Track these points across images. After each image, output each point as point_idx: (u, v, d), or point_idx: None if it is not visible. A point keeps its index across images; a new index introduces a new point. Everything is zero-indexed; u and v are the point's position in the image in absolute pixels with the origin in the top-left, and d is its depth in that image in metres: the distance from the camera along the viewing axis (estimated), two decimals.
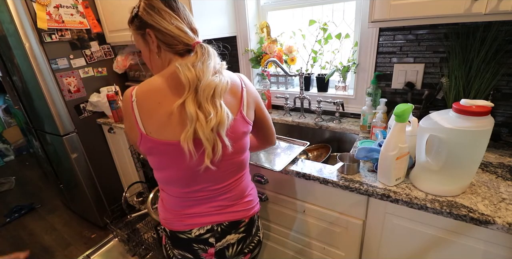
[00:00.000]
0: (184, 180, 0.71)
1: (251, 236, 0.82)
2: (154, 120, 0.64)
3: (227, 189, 0.75)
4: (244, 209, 0.79)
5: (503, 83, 1.02)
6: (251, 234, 0.82)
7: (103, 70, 1.82)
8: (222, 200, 0.75)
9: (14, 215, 2.34)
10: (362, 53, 1.28)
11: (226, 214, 0.76)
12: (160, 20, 0.64)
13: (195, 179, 0.70)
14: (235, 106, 0.70)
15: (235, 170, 0.75)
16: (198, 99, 0.61)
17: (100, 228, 2.04)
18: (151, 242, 1.63)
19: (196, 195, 0.73)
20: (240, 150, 0.73)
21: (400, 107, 0.75)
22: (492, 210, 0.70)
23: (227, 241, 0.77)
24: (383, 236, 0.91)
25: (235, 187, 0.77)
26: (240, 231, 0.79)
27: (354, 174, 0.91)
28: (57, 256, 1.87)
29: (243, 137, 0.73)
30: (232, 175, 0.75)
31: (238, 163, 0.74)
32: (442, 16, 0.81)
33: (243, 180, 0.79)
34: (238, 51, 1.66)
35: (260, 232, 0.88)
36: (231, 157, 0.71)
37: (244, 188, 0.80)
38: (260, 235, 0.88)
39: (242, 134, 0.72)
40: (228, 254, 0.78)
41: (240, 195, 0.78)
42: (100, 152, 1.93)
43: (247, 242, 0.82)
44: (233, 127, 0.67)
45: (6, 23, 1.46)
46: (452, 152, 0.71)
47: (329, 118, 1.44)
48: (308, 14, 1.49)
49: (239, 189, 0.78)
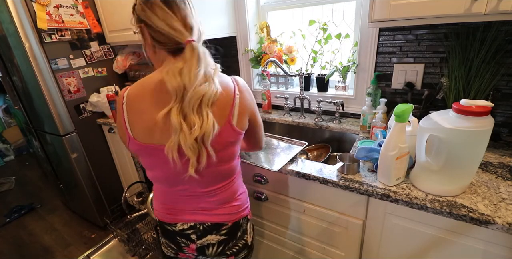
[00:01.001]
0: (170, 181, 0.73)
1: (234, 240, 0.82)
2: (140, 125, 0.65)
3: (213, 194, 0.76)
4: (228, 214, 0.79)
5: (503, 83, 1.02)
6: (234, 237, 0.81)
7: (103, 70, 1.82)
8: (207, 203, 0.77)
9: (14, 215, 2.34)
10: (362, 53, 1.28)
11: (209, 215, 0.77)
12: (151, 16, 0.61)
13: (181, 181, 0.71)
14: (224, 115, 0.66)
15: (221, 178, 0.75)
16: (183, 108, 0.60)
17: (100, 228, 2.04)
18: (151, 242, 1.63)
19: (182, 194, 0.75)
20: (227, 159, 0.72)
21: (400, 107, 0.75)
22: (492, 210, 0.70)
23: (208, 241, 0.79)
24: (383, 236, 0.91)
25: (221, 193, 0.77)
26: (222, 233, 0.79)
27: (354, 174, 0.91)
28: (57, 256, 1.87)
29: (230, 146, 0.71)
30: (218, 182, 0.75)
31: (224, 171, 0.74)
32: (442, 16, 0.81)
33: (230, 186, 0.78)
34: (238, 51, 1.66)
35: (248, 236, 0.85)
36: (217, 166, 0.70)
37: (231, 194, 0.79)
38: (247, 239, 0.85)
39: (229, 144, 0.70)
40: (208, 252, 0.80)
41: (225, 200, 0.78)
42: (100, 152, 1.93)
43: (230, 245, 0.81)
44: (219, 137, 0.65)
45: (6, 23, 1.46)
46: (452, 152, 0.71)
47: (329, 118, 1.44)
48: (308, 14, 1.49)
49: (225, 195, 0.78)
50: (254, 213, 1.24)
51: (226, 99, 0.66)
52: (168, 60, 0.65)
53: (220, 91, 0.63)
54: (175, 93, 0.59)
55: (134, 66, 1.86)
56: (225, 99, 0.66)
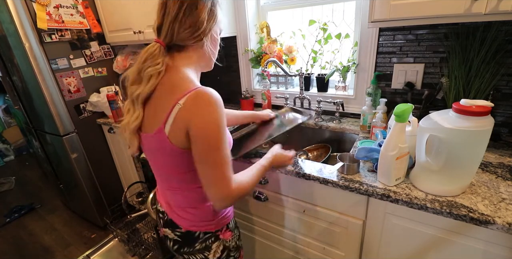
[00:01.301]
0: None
1: (191, 248, 0.80)
2: None
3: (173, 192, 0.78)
4: (182, 218, 0.78)
5: (503, 83, 1.02)
6: (190, 246, 0.80)
7: (103, 70, 1.82)
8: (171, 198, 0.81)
9: (14, 215, 2.34)
10: (362, 53, 1.28)
11: (171, 212, 0.81)
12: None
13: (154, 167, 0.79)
14: (161, 119, 0.64)
15: (168, 179, 0.77)
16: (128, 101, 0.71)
17: (100, 228, 2.04)
18: (151, 242, 1.63)
19: (160, 180, 0.82)
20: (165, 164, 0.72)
21: (400, 107, 0.75)
22: (492, 210, 0.70)
23: (166, 233, 0.83)
24: (383, 236, 0.91)
25: (178, 194, 0.77)
26: (176, 234, 0.81)
27: (354, 174, 0.91)
28: (57, 256, 1.87)
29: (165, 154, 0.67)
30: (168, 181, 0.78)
31: (168, 173, 0.75)
32: (442, 16, 0.81)
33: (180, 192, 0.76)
34: (238, 51, 1.66)
35: (211, 254, 0.80)
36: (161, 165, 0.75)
37: (187, 202, 0.77)
38: (209, 256, 0.80)
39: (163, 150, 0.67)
40: (167, 243, 0.85)
41: (179, 203, 0.79)
42: (100, 152, 1.93)
43: (185, 250, 0.81)
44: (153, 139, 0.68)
45: (6, 23, 1.46)
46: (452, 152, 0.71)
47: (329, 118, 1.44)
48: (308, 14, 1.49)
49: (181, 198, 0.78)
50: (254, 213, 1.24)
51: (167, 104, 0.63)
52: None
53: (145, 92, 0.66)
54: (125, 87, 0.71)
55: None
56: (167, 103, 0.63)
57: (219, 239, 0.81)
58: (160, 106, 0.65)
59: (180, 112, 0.61)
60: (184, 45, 0.68)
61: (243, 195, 0.69)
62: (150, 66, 0.64)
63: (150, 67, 0.64)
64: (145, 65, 0.65)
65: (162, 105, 0.64)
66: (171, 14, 0.63)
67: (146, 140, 0.71)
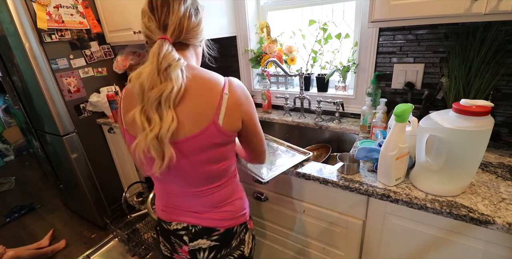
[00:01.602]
0: (160, 179, 0.74)
1: (228, 248, 0.79)
2: (126, 120, 0.69)
3: (202, 195, 0.74)
4: (221, 219, 0.76)
5: (503, 83, 1.02)
6: (228, 245, 0.78)
7: (103, 70, 1.82)
8: (198, 204, 0.76)
9: (14, 215, 2.34)
10: (362, 53, 1.28)
11: (201, 219, 0.76)
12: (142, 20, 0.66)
13: (170, 179, 0.72)
14: (209, 115, 0.64)
15: (209, 178, 0.72)
16: (145, 108, 0.61)
17: (100, 228, 2.04)
18: (151, 242, 1.63)
19: (175, 192, 0.76)
20: (211, 160, 0.69)
21: (400, 107, 0.75)
22: (492, 210, 0.70)
23: (199, 244, 0.77)
24: (383, 236, 0.91)
25: (211, 194, 0.74)
26: (213, 239, 0.77)
27: (354, 174, 0.91)
28: (57, 256, 1.87)
29: (217, 147, 0.67)
30: (205, 183, 0.72)
31: (211, 172, 0.71)
32: (442, 16, 0.81)
33: (221, 189, 0.75)
34: (238, 51, 1.66)
35: (246, 247, 0.82)
36: (204, 166, 0.68)
37: (223, 197, 0.76)
38: (244, 250, 0.81)
39: (213, 144, 0.66)
40: (199, 257, 0.78)
41: (216, 203, 0.76)
42: (100, 152, 1.93)
43: (223, 253, 0.78)
44: (203, 136, 0.64)
45: (6, 23, 1.46)
46: (452, 152, 0.71)
47: (329, 118, 1.44)
48: (308, 14, 1.49)
49: (215, 197, 0.75)
50: (254, 213, 1.24)
51: (210, 99, 0.64)
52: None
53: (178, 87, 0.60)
54: (137, 94, 0.62)
55: (134, 66, 1.85)
56: (209, 98, 0.64)
57: (248, 229, 0.83)
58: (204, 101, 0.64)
59: (230, 100, 0.65)
60: (188, 44, 0.69)
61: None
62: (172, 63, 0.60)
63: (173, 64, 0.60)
64: (164, 63, 0.60)
65: (205, 100, 0.64)
66: (177, 13, 0.63)
67: (186, 144, 0.64)
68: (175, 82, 0.60)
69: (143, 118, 0.61)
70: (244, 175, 1.02)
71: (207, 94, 0.64)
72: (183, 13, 0.63)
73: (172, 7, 0.63)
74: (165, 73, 0.60)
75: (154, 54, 0.60)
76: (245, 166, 1.05)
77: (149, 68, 0.60)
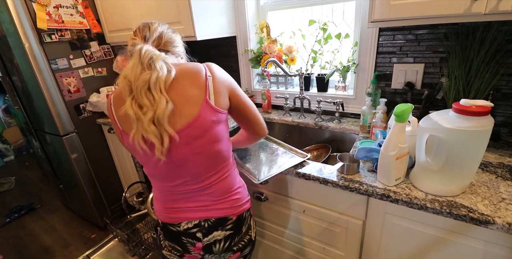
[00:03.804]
0: (163, 175, 0.75)
1: (240, 234, 0.83)
2: (121, 120, 0.73)
3: (209, 184, 0.76)
4: (231, 207, 0.80)
5: (503, 83, 1.02)
6: (240, 232, 0.83)
7: (103, 70, 1.82)
8: (206, 195, 0.77)
9: (14, 215, 2.34)
10: (362, 53, 1.28)
11: (212, 210, 0.78)
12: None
13: (174, 173, 0.74)
14: (200, 96, 0.69)
15: (213, 162, 0.75)
16: (135, 98, 0.65)
17: (100, 228, 2.04)
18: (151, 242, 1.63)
19: (180, 189, 0.76)
20: (214, 139, 0.72)
21: (400, 107, 0.75)
22: (492, 210, 0.70)
23: (214, 237, 0.80)
24: (383, 236, 0.91)
25: (218, 183, 0.77)
26: (227, 228, 0.80)
27: (354, 174, 0.91)
28: (57, 256, 1.87)
29: (214, 125, 0.71)
30: (211, 168, 0.75)
31: (214, 153, 0.74)
32: (442, 16, 0.81)
33: (226, 176, 0.79)
34: (238, 51, 1.66)
35: (252, 231, 0.88)
36: (205, 148, 0.71)
37: (229, 185, 0.80)
38: (252, 234, 0.88)
39: (211, 123, 0.70)
40: (215, 249, 0.81)
41: (225, 191, 0.79)
42: (100, 152, 1.93)
43: (236, 240, 0.83)
44: (202, 118, 0.68)
45: (6, 23, 1.46)
46: (452, 152, 0.71)
47: (329, 118, 1.44)
48: (308, 14, 1.49)
49: (223, 185, 0.78)
50: (254, 213, 1.24)
51: (197, 81, 0.70)
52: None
53: (164, 74, 0.66)
54: (126, 89, 0.66)
55: None
56: (196, 81, 0.70)
57: (251, 215, 0.88)
58: (192, 88, 0.69)
59: (214, 82, 0.72)
60: (168, 50, 0.77)
61: None
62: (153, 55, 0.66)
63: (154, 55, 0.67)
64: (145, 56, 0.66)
65: (193, 87, 0.69)
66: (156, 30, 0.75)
67: (186, 132, 0.67)
68: (160, 70, 0.65)
69: (135, 107, 0.64)
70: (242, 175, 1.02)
71: (193, 80, 0.70)
72: (160, 31, 0.75)
73: (151, 27, 0.74)
74: (148, 65, 0.65)
75: (137, 53, 0.66)
76: (242, 166, 1.06)
77: (131, 63, 0.66)
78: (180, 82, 0.69)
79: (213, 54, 1.82)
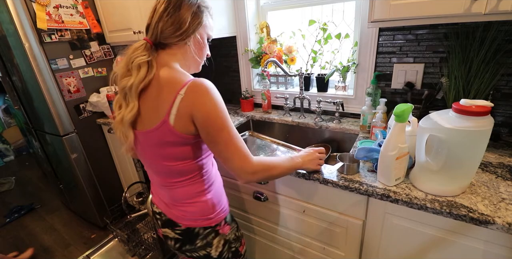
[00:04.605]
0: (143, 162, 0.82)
1: (192, 245, 0.81)
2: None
3: (169, 186, 0.78)
4: (179, 216, 0.80)
5: (502, 83, 1.02)
6: (192, 243, 0.81)
7: (103, 70, 1.82)
8: (167, 194, 0.81)
9: (14, 215, 2.34)
10: (362, 53, 1.28)
11: (167, 210, 0.82)
12: None
13: (145, 165, 0.81)
14: (162, 113, 0.67)
15: (167, 172, 0.76)
16: (119, 97, 0.73)
17: (100, 228, 2.04)
18: (151, 242, 1.63)
19: (154, 178, 0.83)
20: (166, 157, 0.72)
21: (400, 107, 0.75)
22: (492, 210, 0.70)
23: (166, 233, 0.84)
24: (383, 236, 0.91)
25: (174, 189, 0.78)
26: (176, 232, 0.82)
27: (354, 174, 0.91)
28: (57, 256, 1.87)
29: (170, 146, 0.70)
30: (166, 177, 0.77)
31: (168, 168, 0.74)
32: (442, 16, 0.81)
33: (181, 186, 0.77)
34: (238, 51, 1.66)
35: (213, 250, 0.82)
36: (157, 161, 0.75)
37: (182, 196, 0.78)
38: (212, 252, 0.82)
39: (167, 143, 0.69)
40: (168, 243, 0.85)
41: (178, 199, 0.79)
42: (100, 152, 1.93)
43: (187, 247, 0.82)
44: (156, 133, 0.68)
45: (5, 23, 1.46)
46: (452, 152, 0.71)
47: (329, 118, 1.44)
48: (308, 14, 1.49)
49: (177, 193, 0.78)
50: (254, 213, 1.24)
51: (168, 96, 0.66)
52: None
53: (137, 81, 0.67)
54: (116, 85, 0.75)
55: None
56: (167, 96, 0.66)
57: (219, 234, 0.83)
58: (162, 99, 0.67)
59: (183, 102, 0.65)
60: (167, 43, 0.71)
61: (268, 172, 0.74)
62: (136, 57, 0.68)
63: (137, 57, 0.68)
64: (132, 56, 0.68)
65: (163, 98, 0.67)
66: (157, 14, 0.69)
67: (145, 137, 0.71)
68: (135, 76, 0.68)
69: (116, 106, 0.74)
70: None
71: (166, 93, 0.67)
72: (160, 14, 0.68)
73: (155, 9, 0.70)
74: (131, 68, 0.69)
75: (128, 51, 0.70)
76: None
77: (123, 62, 0.71)
78: (154, 90, 0.69)
79: (213, 54, 1.81)
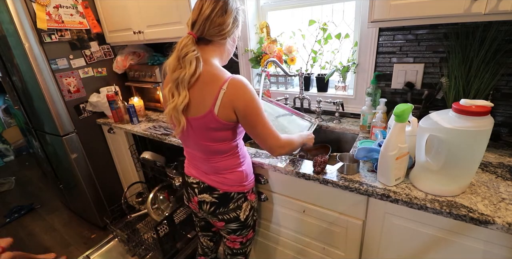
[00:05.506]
0: (185, 143, 0.96)
1: (225, 207, 0.96)
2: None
3: (210, 161, 0.92)
4: (218, 182, 0.94)
5: (502, 83, 1.02)
6: (226, 205, 0.96)
7: (103, 70, 1.82)
8: (207, 167, 0.94)
9: (14, 215, 2.34)
10: (361, 53, 1.28)
11: (207, 178, 0.95)
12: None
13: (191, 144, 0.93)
14: (208, 103, 0.79)
15: (210, 152, 0.90)
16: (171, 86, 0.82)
17: (100, 228, 2.04)
18: (151, 243, 1.62)
19: (195, 154, 0.95)
20: (210, 139, 0.86)
21: (400, 107, 0.75)
22: (492, 210, 0.70)
23: (203, 198, 0.97)
24: (383, 236, 0.91)
25: (216, 163, 0.92)
26: (214, 196, 0.95)
27: (354, 174, 0.91)
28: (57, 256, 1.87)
29: (213, 130, 0.83)
30: (209, 154, 0.91)
31: (210, 148, 0.88)
32: (442, 16, 0.81)
33: (223, 161, 0.92)
34: (238, 51, 1.66)
35: (242, 213, 0.98)
36: (202, 142, 0.88)
37: (224, 167, 0.93)
38: (240, 214, 0.98)
39: (211, 128, 0.83)
40: (203, 208, 0.98)
41: (219, 170, 0.93)
42: (100, 152, 1.93)
43: (221, 210, 0.96)
44: (203, 120, 0.81)
45: (5, 23, 1.46)
46: (452, 152, 0.71)
47: (329, 118, 1.44)
48: (308, 14, 1.49)
49: (219, 166, 0.92)
50: None
51: (212, 91, 0.79)
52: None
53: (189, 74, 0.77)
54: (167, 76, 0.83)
55: (134, 66, 1.86)
56: (212, 90, 0.79)
57: (247, 200, 0.99)
58: (207, 92, 0.79)
59: (225, 95, 0.78)
60: (211, 40, 0.82)
61: (291, 148, 0.92)
62: (188, 53, 0.77)
63: (188, 53, 0.77)
64: (182, 52, 0.78)
65: (208, 92, 0.79)
66: (205, 13, 0.77)
67: (194, 122, 0.83)
68: (188, 69, 0.77)
69: (169, 94, 0.82)
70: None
71: (210, 87, 0.79)
72: (208, 14, 0.77)
73: (201, 8, 0.78)
74: (182, 61, 0.78)
75: (178, 45, 0.79)
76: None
77: (173, 56, 0.80)
78: (201, 84, 0.80)
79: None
